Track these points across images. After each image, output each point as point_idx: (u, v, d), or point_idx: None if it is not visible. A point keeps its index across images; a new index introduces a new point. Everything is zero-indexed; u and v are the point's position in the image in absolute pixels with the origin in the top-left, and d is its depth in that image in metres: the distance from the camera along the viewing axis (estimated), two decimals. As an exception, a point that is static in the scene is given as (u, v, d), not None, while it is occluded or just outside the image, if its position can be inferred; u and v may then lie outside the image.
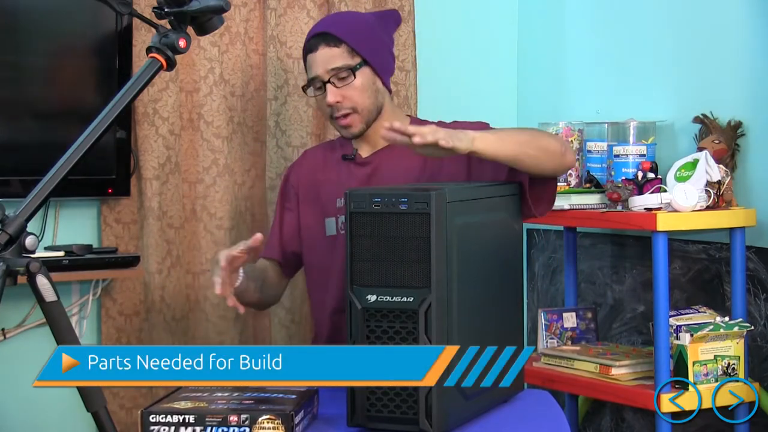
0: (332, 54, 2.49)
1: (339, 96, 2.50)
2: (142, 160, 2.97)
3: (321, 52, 2.50)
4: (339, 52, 2.49)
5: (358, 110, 2.52)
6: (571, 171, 3.17)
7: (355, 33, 2.52)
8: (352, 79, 2.49)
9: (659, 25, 3.18)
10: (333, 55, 2.49)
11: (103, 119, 1.95)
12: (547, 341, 3.13)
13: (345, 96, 2.50)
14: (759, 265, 2.88)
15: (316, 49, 2.51)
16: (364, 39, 2.53)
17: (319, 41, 2.51)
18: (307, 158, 2.72)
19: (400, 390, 1.91)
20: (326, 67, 2.49)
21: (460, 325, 1.95)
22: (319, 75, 2.51)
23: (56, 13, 2.87)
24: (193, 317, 3.06)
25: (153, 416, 1.91)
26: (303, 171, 2.67)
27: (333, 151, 2.67)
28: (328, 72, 2.49)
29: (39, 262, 1.81)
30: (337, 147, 2.67)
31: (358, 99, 2.51)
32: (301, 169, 2.68)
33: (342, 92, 2.50)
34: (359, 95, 2.51)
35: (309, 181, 2.64)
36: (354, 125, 2.53)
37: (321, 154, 2.69)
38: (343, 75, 2.49)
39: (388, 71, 2.60)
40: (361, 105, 2.52)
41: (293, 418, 1.90)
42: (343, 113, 2.51)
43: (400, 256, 1.91)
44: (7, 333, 2.89)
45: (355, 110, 2.51)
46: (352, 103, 2.51)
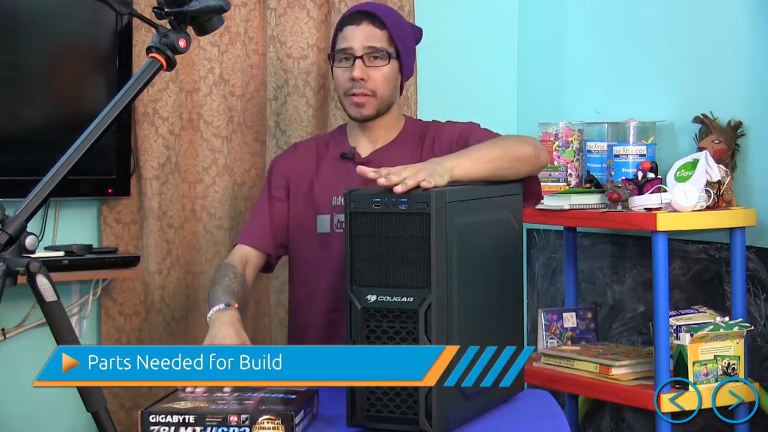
0: (374, 33, 2.53)
1: (366, 74, 2.52)
2: (142, 160, 2.97)
3: (364, 27, 2.53)
4: (381, 35, 2.53)
5: (377, 95, 2.54)
6: (571, 171, 3.18)
7: (399, 26, 2.58)
8: (385, 63, 2.53)
9: (659, 25, 3.18)
10: (375, 35, 2.53)
11: (103, 119, 1.95)
12: (547, 341, 3.13)
13: (370, 76, 2.53)
14: (759, 265, 2.88)
15: (359, 22, 2.54)
16: (403, 35, 2.58)
17: (364, 17, 2.54)
18: (298, 151, 2.70)
19: (400, 390, 1.91)
20: (365, 43, 2.52)
21: (460, 325, 1.95)
22: (353, 47, 2.52)
23: (56, 13, 2.87)
24: (192, 317, 3.06)
25: (153, 416, 1.91)
26: (295, 164, 2.65)
27: (327, 148, 2.66)
28: (364, 48, 2.52)
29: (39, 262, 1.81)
30: (332, 143, 2.66)
31: (381, 85, 2.54)
32: (293, 162, 2.66)
33: (369, 72, 2.52)
34: (383, 82, 2.54)
35: (302, 175, 2.63)
36: (367, 106, 2.54)
37: (314, 149, 2.68)
38: (377, 56, 2.52)
39: (408, 75, 2.65)
40: (381, 92, 2.54)
41: (293, 418, 1.90)
42: (362, 91, 2.53)
43: (400, 256, 1.91)
44: (7, 333, 2.89)
45: (374, 94, 2.54)
46: (374, 86, 2.53)
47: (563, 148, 3.18)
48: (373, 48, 2.53)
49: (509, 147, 2.31)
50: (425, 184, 1.99)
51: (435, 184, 2.01)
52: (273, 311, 3.09)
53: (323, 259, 2.54)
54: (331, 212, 2.56)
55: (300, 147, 2.74)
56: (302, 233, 2.59)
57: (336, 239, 2.52)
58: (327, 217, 2.56)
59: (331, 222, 2.56)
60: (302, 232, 2.60)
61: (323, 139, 2.74)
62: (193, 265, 3.06)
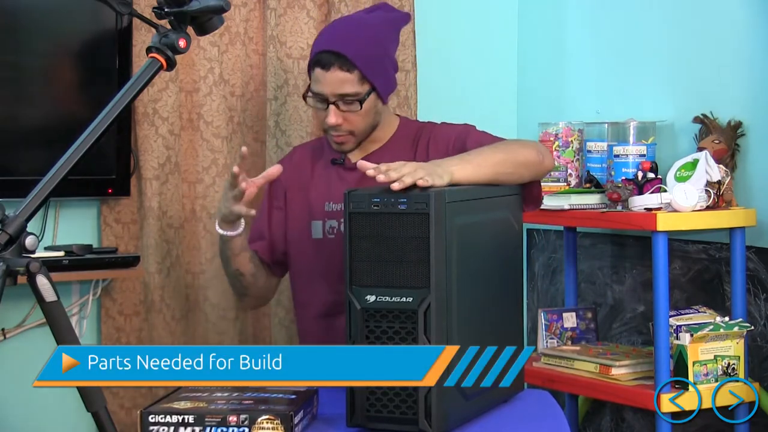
0: (344, 79, 2.44)
1: (341, 119, 2.47)
2: (142, 160, 2.97)
3: (333, 74, 2.44)
4: (351, 79, 2.44)
5: (355, 133, 2.51)
6: (571, 171, 3.18)
7: (369, 59, 2.46)
8: (359, 108, 2.47)
9: (659, 25, 3.18)
10: (345, 81, 2.44)
11: (103, 119, 1.95)
12: (547, 341, 3.13)
13: (346, 119, 2.48)
14: (759, 265, 2.88)
15: (328, 67, 2.44)
16: (376, 65, 2.47)
17: (333, 61, 2.44)
18: (296, 157, 2.67)
19: (399, 390, 1.91)
20: (335, 90, 2.45)
21: (459, 325, 1.95)
22: (325, 94, 2.46)
23: (56, 13, 2.87)
24: (192, 317, 3.06)
25: (152, 416, 1.91)
26: (293, 169, 2.63)
27: (322, 152, 2.63)
28: (335, 95, 2.45)
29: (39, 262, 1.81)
30: (326, 148, 2.63)
31: (359, 124, 2.49)
32: (291, 167, 2.63)
33: (344, 116, 2.47)
34: (361, 120, 2.49)
35: (298, 181, 2.61)
36: (347, 144, 2.52)
37: (310, 155, 2.65)
38: (350, 100, 2.46)
39: (392, 90, 2.57)
40: (360, 129, 2.50)
41: (292, 419, 1.90)
42: (340, 133, 2.50)
43: (400, 256, 1.91)
44: (7, 333, 2.89)
45: (352, 133, 2.51)
46: (351, 127, 2.49)
47: (563, 148, 3.18)
48: (344, 95, 2.45)
49: (512, 152, 2.29)
50: (422, 183, 1.98)
51: (432, 184, 2.01)
52: (273, 311, 3.09)
53: (316, 265, 2.53)
54: (323, 218, 2.55)
55: (297, 152, 2.70)
56: (299, 239, 2.58)
57: (328, 245, 2.51)
58: (320, 223, 2.55)
59: (324, 228, 2.54)
60: (299, 238, 2.58)
61: (319, 143, 2.71)
62: (193, 265, 3.06)
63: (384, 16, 2.60)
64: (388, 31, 2.57)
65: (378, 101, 2.51)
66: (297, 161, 2.65)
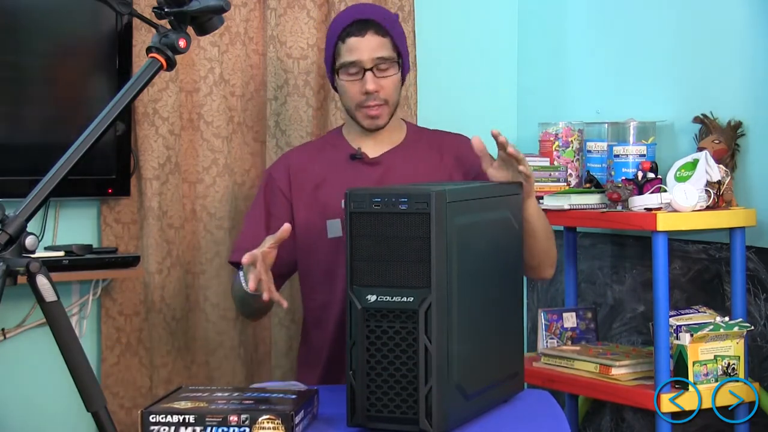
0: (381, 43, 2.50)
1: (378, 85, 2.50)
2: (142, 160, 2.97)
3: (369, 38, 2.49)
4: (386, 43, 2.51)
5: (389, 103, 2.54)
6: (571, 171, 3.18)
7: (397, 30, 2.56)
8: (394, 71, 2.52)
9: (659, 25, 3.18)
10: (381, 44, 2.50)
11: (103, 119, 1.95)
12: (547, 341, 3.13)
13: (382, 86, 2.51)
14: (759, 265, 2.88)
15: (363, 33, 2.49)
16: (401, 38, 2.57)
17: (367, 27, 2.50)
18: (293, 161, 2.64)
19: (400, 390, 1.91)
20: (373, 54, 2.49)
21: (459, 325, 1.95)
22: (362, 60, 2.49)
23: (56, 13, 2.87)
24: (193, 317, 3.06)
25: (153, 416, 1.91)
26: (296, 175, 2.60)
27: (325, 152, 2.62)
28: (373, 60, 2.49)
29: (39, 262, 1.81)
30: (329, 147, 2.63)
31: (392, 93, 2.53)
32: (293, 174, 2.61)
33: (381, 82, 2.51)
34: (393, 89, 2.53)
35: (303, 183, 2.59)
36: (382, 117, 2.54)
37: (310, 156, 2.64)
38: (385, 66, 2.50)
39: (407, 71, 2.64)
40: (392, 99, 2.54)
41: (293, 418, 1.90)
42: (377, 103, 2.51)
43: (400, 256, 1.91)
44: (7, 333, 2.89)
45: (387, 103, 2.53)
46: (386, 95, 2.52)
47: (563, 148, 3.19)
48: (381, 59, 2.50)
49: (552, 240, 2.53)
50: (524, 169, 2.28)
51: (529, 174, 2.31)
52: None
53: (338, 264, 2.49)
54: (341, 216, 2.53)
55: (293, 156, 2.67)
56: (313, 240, 2.55)
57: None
58: (338, 222, 2.53)
59: (342, 225, 2.52)
60: (313, 240, 2.56)
61: (317, 145, 2.70)
62: (193, 265, 3.06)
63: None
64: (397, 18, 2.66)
65: (400, 78, 2.57)
66: (297, 166, 2.62)
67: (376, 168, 2.56)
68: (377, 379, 1.92)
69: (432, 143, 2.62)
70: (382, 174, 2.54)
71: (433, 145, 2.62)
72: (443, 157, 2.59)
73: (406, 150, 2.60)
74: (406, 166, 2.55)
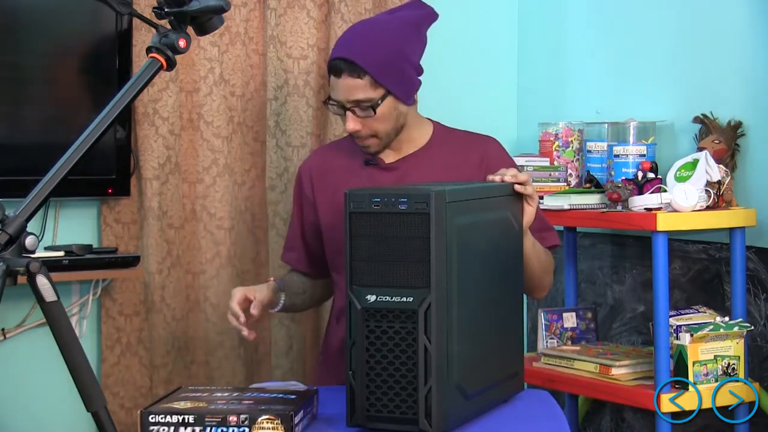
0: (355, 85, 2.41)
1: (359, 124, 2.45)
2: (142, 160, 2.97)
3: (344, 81, 2.42)
4: (362, 84, 2.41)
5: (378, 136, 2.49)
6: (571, 171, 3.18)
7: (381, 63, 2.43)
8: (372, 114, 2.44)
9: (659, 25, 3.18)
10: (356, 87, 2.41)
11: (103, 119, 1.95)
12: (547, 341, 3.13)
13: (365, 124, 2.46)
14: (759, 265, 2.88)
15: (339, 74, 2.43)
16: (388, 69, 2.44)
17: (343, 67, 2.42)
18: (315, 162, 2.64)
19: (399, 390, 1.91)
20: (348, 97, 2.43)
21: (459, 325, 1.95)
22: (340, 101, 2.45)
23: (56, 13, 2.87)
24: (193, 317, 3.06)
25: (152, 416, 1.91)
26: (315, 176, 2.60)
27: (346, 154, 2.60)
28: (349, 102, 2.43)
29: (39, 262, 1.81)
30: (350, 150, 2.59)
31: (379, 127, 2.47)
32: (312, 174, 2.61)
33: (363, 121, 2.45)
34: (380, 124, 2.47)
35: (324, 185, 2.58)
36: (374, 146, 2.51)
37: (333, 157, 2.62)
38: (364, 107, 2.44)
39: (413, 91, 2.53)
40: (382, 132, 2.48)
41: (293, 419, 1.90)
42: (363, 137, 2.48)
43: (400, 256, 1.91)
44: (7, 333, 2.89)
45: (375, 136, 2.48)
46: (372, 131, 2.47)
47: (563, 148, 3.19)
48: (357, 101, 2.43)
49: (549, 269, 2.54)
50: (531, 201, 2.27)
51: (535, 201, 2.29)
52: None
53: None
54: None
55: (317, 157, 2.67)
56: (334, 242, 2.54)
57: None
58: None
59: None
60: (337, 241, 2.54)
61: (340, 145, 2.68)
62: (193, 265, 3.06)
63: (406, 15, 2.55)
64: (407, 32, 2.51)
65: (398, 103, 2.47)
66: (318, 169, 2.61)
67: (392, 174, 2.53)
68: (377, 379, 1.92)
69: (456, 146, 2.57)
70: (397, 180, 2.52)
71: (456, 147, 2.57)
72: (466, 161, 2.54)
73: (426, 155, 2.55)
74: (423, 170, 2.52)
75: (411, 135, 2.55)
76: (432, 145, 2.57)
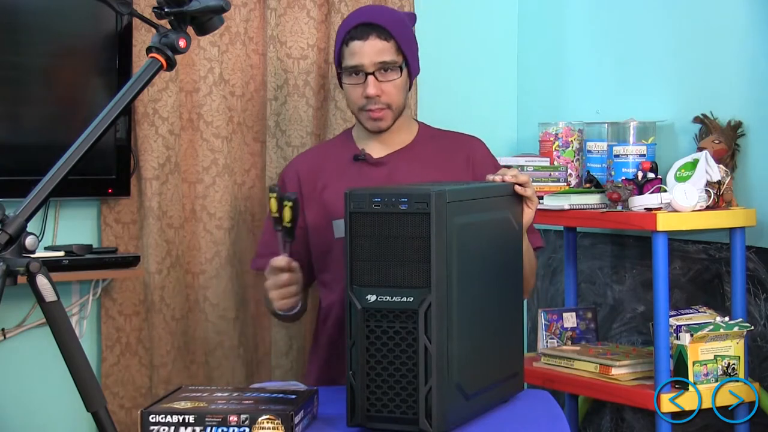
0: (383, 47, 2.49)
1: (379, 89, 2.50)
2: (142, 160, 2.97)
3: (371, 43, 2.48)
4: (389, 47, 2.50)
5: (392, 107, 2.53)
6: (571, 171, 3.18)
7: (403, 32, 2.54)
8: (398, 76, 2.51)
9: (659, 25, 3.18)
10: (384, 49, 2.49)
11: (103, 119, 1.95)
12: (547, 341, 3.13)
13: (384, 91, 2.50)
14: (759, 265, 2.88)
15: (365, 37, 2.48)
16: (408, 40, 2.55)
17: (370, 31, 2.49)
18: (302, 163, 2.66)
19: (399, 390, 1.91)
20: (374, 59, 2.48)
21: (459, 325, 1.95)
22: (364, 65, 2.49)
23: (56, 13, 2.87)
24: (192, 317, 3.06)
25: (153, 416, 1.91)
26: (303, 176, 2.62)
27: (333, 153, 2.63)
28: (375, 64, 2.48)
29: (39, 262, 1.81)
30: (337, 149, 2.64)
31: (395, 96, 2.52)
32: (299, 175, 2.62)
33: (383, 86, 2.50)
34: (397, 93, 2.52)
35: (311, 184, 2.60)
36: (385, 120, 2.54)
37: (319, 157, 2.65)
38: (388, 69, 2.50)
39: (417, 72, 2.63)
40: (396, 103, 2.53)
41: (293, 418, 1.90)
42: (378, 106, 2.51)
43: (400, 256, 1.91)
44: (7, 333, 2.89)
45: (390, 106, 2.52)
46: (389, 99, 2.52)
47: (563, 148, 3.19)
48: (384, 63, 2.49)
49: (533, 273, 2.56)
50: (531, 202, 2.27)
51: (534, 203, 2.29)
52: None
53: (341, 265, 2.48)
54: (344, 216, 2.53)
55: (303, 159, 2.69)
56: (323, 241, 2.56)
57: None
58: (341, 222, 2.53)
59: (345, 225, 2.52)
60: (323, 241, 2.56)
61: (326, 147, 2.72)
62: (193, 265, 3.06)
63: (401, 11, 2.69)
64: (409, 21, 2.65)
65: (407, 80, 2.56)
66: (306, 169, 2.63)
67: (381, 169, 2.56)
68: (377, 379, 1.92)
69: (442, 144, 2.62)
70: (387, 175, 2.55)
71: (443, 146, 2.62)
72: (453, 159, 2.59)
73: (414, 151, 2.60)
74: (412, 167, 2.55)
75: (401, 127, 2.60)
76: (418, 143, 2.62)
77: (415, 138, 2.63)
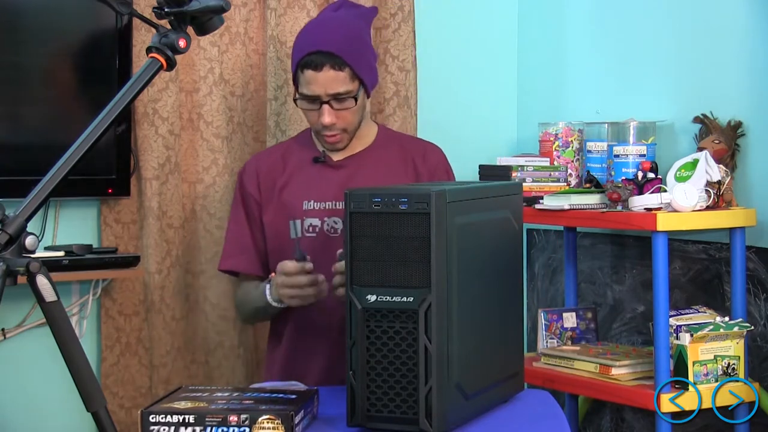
0: (337, 78, 2.47)
1: (335, 118, 2.50)
2: (142, 160, 2.97)
3: (326, 74, 2.46)
4: (343, 77, 2.47)
5: (348, 130, 2.55)
6: (571, 171, 3.18)
7: (357, 55, 2.50)
8: (353, 105, 2.50)
9: (659, 25, 3.18)
10: (338, 80, 2.47)
11: (103, 119, 1.95)
12: (547, 341, 3.13)
13: (339, 117, 2.51)
14: (759, 265, 2.88)
15: (319, 68, 2.46)
16: (364, 61, 2.52)
17: (324, 61, 2.46)
18: (261, 162, 2.67)
19: (400, 390, 1.91)
20: (329, 90, 2.47)
21: (460, 325, 1.95)
22: (318, 95, 2.48)
23: (56, 13, 2.87)
24: (192, 317, 3.06)
25: (153, 416, 1.91)
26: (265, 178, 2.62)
27: (292, 154, 2.65)
28: (329, 95, 2.48)
29: (39, 262, 1.81)
30: (296, 149, 2.65)
31: (351, 120, 2.53)
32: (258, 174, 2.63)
33: (338, 114, 2.50)
34: (353, 116, 2.53)
35: (269, 184, 2.62)
36: (342, 142, 2.56)
37: (279, 156, 2.66)
38: (343, 99, 2.49)
39: (375, 84, 2.62)
40: (352, 125, 2.55)
41: (293, 418, 1.90)
42: (334, 132, 2.53)
43: (400, 256, 1.91)
44: (7, 333, 2.89)
45: (346, 130, 2.54)
46: (345, 124, 2.53)
47: (563, 148, 3.19)
48: (338, 94, 2.48)
49: None
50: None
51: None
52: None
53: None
54: (302, 216, 2.55)
55: (262, 158, 2.70)
56: (279, 242, 2.58)
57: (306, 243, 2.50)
58: (298, 222, 2.55)
59: (302, 226, 2.55)
60: (279, 241, 2.58)
61: (284, 146, 2.72)
62: (193, 265, 3.06)
63: (353, 12, 2.64)
64: (363, 24, 2.61)
65: (365, 96, 2.57)
66: (265, 168, 2.64)
67: (341, 171, 2.58)
68: (377, 379, 1.92)
69: (399, 148, 2.65)
70: (347, 177, 2.56)
71: (399, 149, 2.64)
72: (406, 162, 2.62)
73: (373, 153, 2.62)
74: (371, 169, 2.57)
75: (361, 132, 2.62)
76: (377, 146, 2.64)
77: (374, 141, 2.64)
